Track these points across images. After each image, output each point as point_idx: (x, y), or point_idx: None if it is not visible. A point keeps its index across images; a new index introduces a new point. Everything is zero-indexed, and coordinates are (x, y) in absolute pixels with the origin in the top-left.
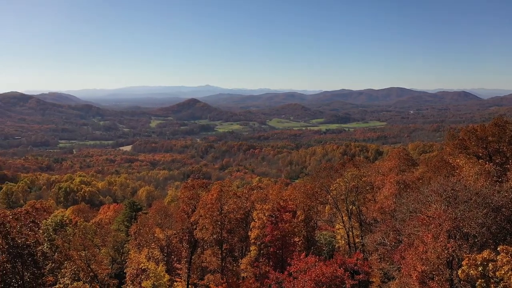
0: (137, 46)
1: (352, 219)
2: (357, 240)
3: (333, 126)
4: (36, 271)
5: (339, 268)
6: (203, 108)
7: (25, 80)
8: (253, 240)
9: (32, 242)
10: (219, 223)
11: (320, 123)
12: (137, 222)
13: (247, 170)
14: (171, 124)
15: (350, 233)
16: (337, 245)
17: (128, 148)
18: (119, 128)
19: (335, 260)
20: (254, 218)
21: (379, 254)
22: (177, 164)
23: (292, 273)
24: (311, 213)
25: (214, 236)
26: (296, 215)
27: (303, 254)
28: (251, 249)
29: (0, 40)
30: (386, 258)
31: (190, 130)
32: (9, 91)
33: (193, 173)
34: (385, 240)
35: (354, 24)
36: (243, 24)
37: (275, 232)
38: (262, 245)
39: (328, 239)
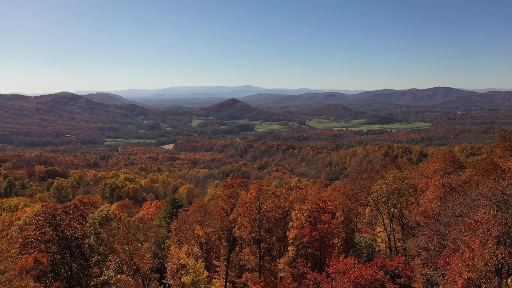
0: (180, 48)
1: (393, 222)
2: (398, 244)
3: (375, 127)
4: (83, 263)
5: (380, 271)
6: (242, 108)
7: (76, 81)
8: (291, 240)
9: (80, 235)
10: (257, 222)
11: (361, 124)
12: (177, 218)
13: (286, 170)
14: (212, 123)
15: (392, 236)
16: (377, 249)
17: (170, 146)
18: (162, 127)
19: (375, 263)
20: (293, 218)
21: (422, 259)
22: (217, 163)
23: (331, 274)
24: (350, 214)
25: (253, 235)
26: (336, 217)
27: (342, 256)
28: (289, 249)
29: (55, 44)
30: (430, 264)
31: (230, 130)
32: (61, 91)
33: (233, 172)
34: (428, 245)
35: (398, 22)
36: (284, 24)
37: (314, 233)
38: (300, 246)
39: (368, 242)
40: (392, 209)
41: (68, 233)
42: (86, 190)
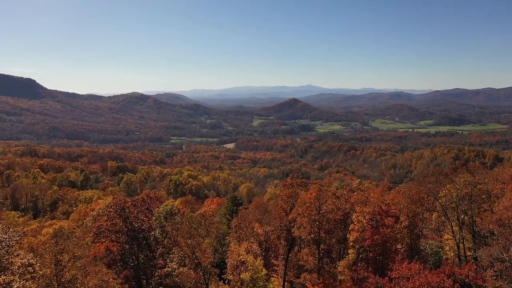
0: (243, 48)
1: (463, 230)
2: (468, 253)
3: (444, 129)
4: (149, 254)
5: (447, 278)
6: (303, 108)
7: (145, 82)
8: (351, 243)
9: (146, 227)
10: (317, 222)
11: (428, 125)
12: (238, 216)
13: (347, 172)
14: (272, 123)
15: (461, 244)
16: (444, 257)
17: (231, 145)
18: (224, 126)
19: (442, 270)
20: (354, 221)
21: (496, 271)
22: (277, 163)
23: (393, 279)
24: (416, 219)
25: (312, 236)
26: (399, 221)
27: (406, 262)
28: (349, 252)
29: (126, 47)
30: (504, 276)
31: (291, 130)
32: (131, 91)
33: (292, 172)
34: (503, 255)
35: (470, 16)
36: (347, 22)
37: (376, 236)
38: (361, 249)
39: (435, 249)
40: (462, 216)
41: (136, 225)
42: (152, 186)
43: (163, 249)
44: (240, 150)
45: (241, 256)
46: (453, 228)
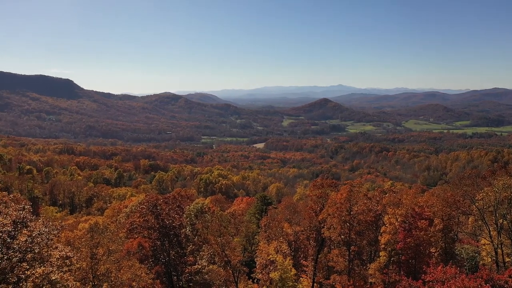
0: (273, 48)
1: (502, 235)
2: (507, 260)
3: (482, 130)
4: (179, 251)
5: (485, 284)
6: (334, 108)
7: (177, 82)
8: (383, 246)
9: (177, 225)
10: (347, 223)
11: (465, 126)
12: (267, 215)
13: (378, 173)
14: (302, 123)
15: (499, 250)
16: (481, 262)
17: (261, 145)
18: (254, 126)
19: (480, 275)
20: (385, 223)
21: None
22: (307, 163)
23: (427, 282)
24: (450, 223)
25: (342, 237)
26: (433, 224)
27: (441, 265)
28: (380, 254)
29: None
30: None
31: (321, 130)
32: (164, 91)
33: (322, 173)
34: None
35: (510, 11)
36: (378, 21)
37: (408, 239)
38: (392, 252)
39: (471, 254)
40: (501, 220)
41: (167, 222)
42: (183, 184)
43: (193, 247)
44: (269, 150)
45: (270, 256)
46: (491, 232)
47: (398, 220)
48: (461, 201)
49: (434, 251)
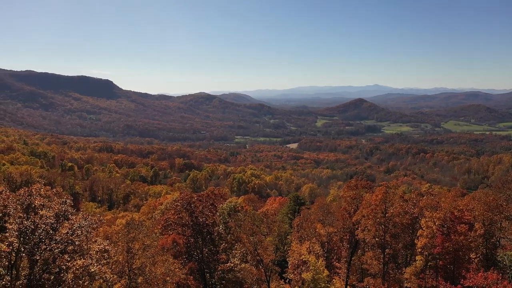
0: (307, 48)
1: None
2: None
3: None
4: (212, 248)
5: None
6: (370, 108)
7: (212, 82)
8: (419, 249)
9: (211, 222)
10: (382, 226)
11: (509, 128)
12: (300, 215)
13: (415, 175)
14: (337, 124)
15: None
16: None
17: (294, 145)
18: (287, 126)
19: None
20: (422, 226)
21: None
22: (341, 164)
23: None
24: (492, 228)
25: (377, 239)
26: (474, 229)
27: (482, 271)
28: (416, 258)
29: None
30: None
31: (355, 131)
32: (198, 91)
33: (357, 174)
34: None
35: None
36: (415, 18)
37: (447, 244)
38: (429, 256)
39: None
40: None
41: (201, 220)
42: (216, 183)
43: (226, 245)
44: (303, 150)
45: (303, 256)
46: None
47: (436, 223)
48: (504, 205)
49: (474, 256)
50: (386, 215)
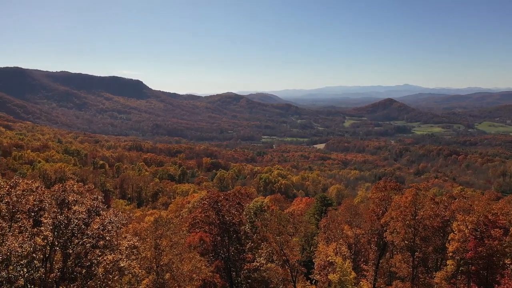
0: (335, 48)
1: None
2: None
3: None
4: (238, 247)
5: None
6: (399, 108)
7: (238, 82)
8: (450, 254)
9: (237, 221)
10: (412, 228)
11: None
12: (327, 216)
13: (447, 178)
14: (365, 124)
15: None
16: None
17: (321, 146)
18: (314, 126)
19: None
20: (454, 230)
21: None
22: (369, 165)
23: None
24: None
25: (406, 242)
26: (509, 233)
27: None
28: (447, 263)
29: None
30: None
31: (384, 131)
32: (226, 91)
33: (385, 176)
34: None
35: None
36: (447, 16)
37: (480, 248)
38: (461, 261)
39: None
40: None
41: (228, 218)
42: (243, 183)
43: (252, 244)
44: (330, 151)
45: (329, 257)
46: None
47: (469, 227)
48: None
49: (509, 262)
50: (416, 217)
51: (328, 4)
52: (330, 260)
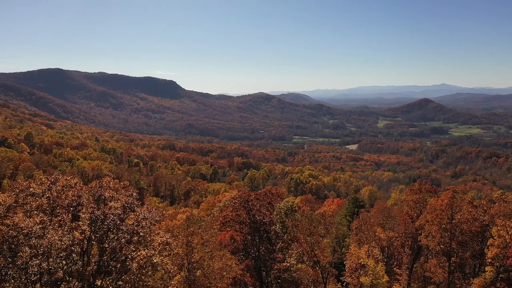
0: (369, 47)
1: None
2: None
3: None
4: (269, 247)
5: None
6: (436, 109)
7: (270, 82)
8: (489, 260)
9: (268, 221)
10: (448, 232)
11: None
12: (359, 218)
13: (486, 181)
14: (399, 125)
15: None
16: None
17: (353, 147)
18: (347, 127)
19: None
20: (493, 235)
21: None
22: (403, 167)
23: None
24: None
25: (441, 246)
26: None
27: None
28: (486, 269)
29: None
30: None
31: (420, 132)
32: (257, 92)
33: (420, 178)
34: None
35: None
36: (486, 12)
37: None
38: (501, 268)
39: None
40: None
41: (258, 218)
42: (274, 183)
43: (282, 244)
44: (363, 152)
45: (361, 259)
46: None
47: (509, 233)
48: None
49: None
50: (453, 221)
51: (362, 2)
52: (362, 263)
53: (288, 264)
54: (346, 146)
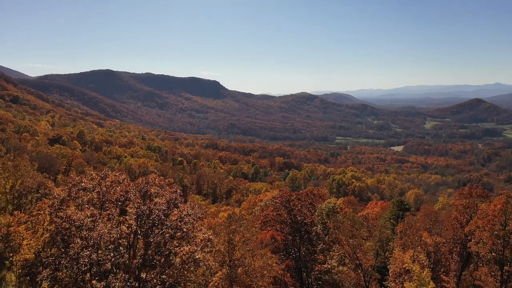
0: (416, 45)
1: None
2: None
3: None
4: (310, 248)
5: None
6: (489, 109)
7: (313, 82)
8: None
9: (309, 222)
10: (501, 239)
11: None
12: (404, 221)
13: None
14: (448, 126)
15: None
16: None
17: (399, 148)
18: (392, 127)
19: None
20: None
21: None
22: (452, 170)
23: None
24: None
25: (493, 254)
26: None
27: None
28: None
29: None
30: None
31: (471, 134)
32: (300, 91)
33: (471, 182)
34: None
35: None
36: None
37: None
38: None
39: None
40: None
41: (299, 218)
42: (315, 183)
43: (323, 245)
44: (408, 154)
45: (406, 264)
46: None
47: None
48: None
49: None
50: (507, 228)
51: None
52: (407, 268)
53: (329, 266)
54: (391, 148)
